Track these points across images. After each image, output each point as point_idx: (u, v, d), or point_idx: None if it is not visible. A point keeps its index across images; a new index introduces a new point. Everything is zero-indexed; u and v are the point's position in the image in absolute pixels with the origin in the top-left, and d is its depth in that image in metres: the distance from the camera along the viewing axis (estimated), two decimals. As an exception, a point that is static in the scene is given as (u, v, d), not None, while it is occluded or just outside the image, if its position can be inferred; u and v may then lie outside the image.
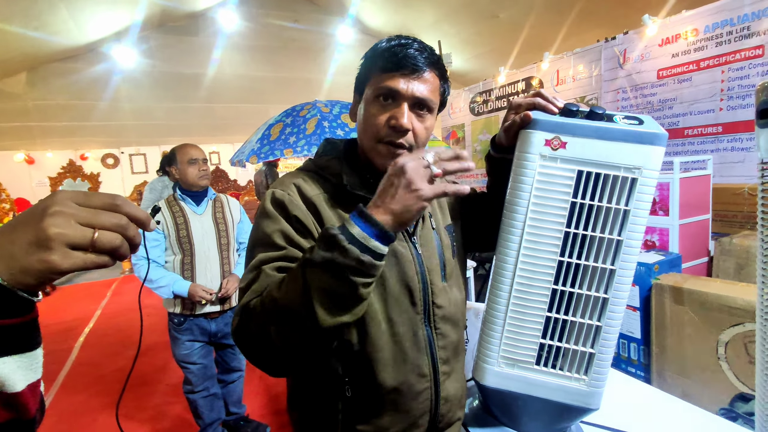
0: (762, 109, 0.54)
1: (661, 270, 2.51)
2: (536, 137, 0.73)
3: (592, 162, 0.72)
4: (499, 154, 0.84)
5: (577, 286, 0.75)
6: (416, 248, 0.80)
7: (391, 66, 0.72)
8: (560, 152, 0.73)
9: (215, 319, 2.11)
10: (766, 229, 0.57)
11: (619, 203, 0.72)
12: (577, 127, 0.72)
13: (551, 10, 6.28)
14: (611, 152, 0.71)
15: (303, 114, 3.18)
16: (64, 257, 0.36)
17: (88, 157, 7.79)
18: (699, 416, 1.02)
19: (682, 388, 2.25)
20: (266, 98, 8.44)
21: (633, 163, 0.71)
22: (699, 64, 3.36)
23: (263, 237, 0.73)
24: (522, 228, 0.74)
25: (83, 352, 3.81)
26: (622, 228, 0.72)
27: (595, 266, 0.74)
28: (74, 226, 0.37)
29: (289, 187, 0.77)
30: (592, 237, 0.74)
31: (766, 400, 0.59)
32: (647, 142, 0.70)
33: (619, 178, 0.72)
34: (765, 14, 2.95)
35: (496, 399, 0.83)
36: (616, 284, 0.74)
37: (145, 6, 6.54)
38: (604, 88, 4.14)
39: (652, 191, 0.71)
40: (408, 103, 0.73)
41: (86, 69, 7.41)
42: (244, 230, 2.25)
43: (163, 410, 2.74)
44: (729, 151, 3.23)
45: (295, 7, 8.56)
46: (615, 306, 0.75)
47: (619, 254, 0.73)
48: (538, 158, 0.73)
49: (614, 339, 0.77)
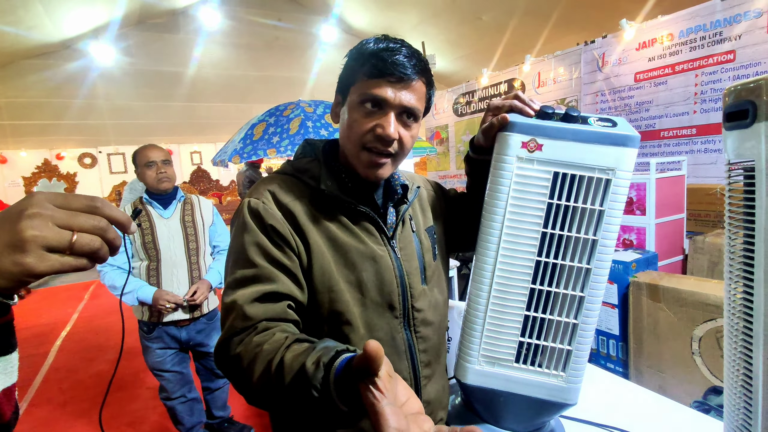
0: (729, 112, 0.57)
1: (639, 268, 2.58)
2: (513, 139, 0.74)
3: (568, 163, 0.74)
4: (478, 156, 0.84)
5: (555, 285, 0.77)
6: (395, 252, 0.80)
7: (379, 72, 0.70)
8: (537, 154, 0.74)
9: (186, 327, 2.02)
10: (732, 228, 0.60)
11: (594, 204, 0.74)
12: (553, 129, 0.73)
13: (533, 14, 6.38)
14: (586, 154, 0.73)
15: (286, 114, 3.17)
16: (41, 260, 0.35)
17: (65, 157, 7.59)
18: (672, 409, 1.06)
19: (659, 382, 2.31)
20: (249, 97, 8.36)
21: (607, 165, 0.73)
22: (674, 68, 3.46)
23: (240, 250, 0.72)
24: (500, 229, 0.75)
25: (60, 356, 3.71)
26: (597, 228, 0.74)
27: (572, 265, 0.76)
28: (52, 228, 0.36)
29: (263, 194, 0.75)
30: (568, 237, 0.75)
31: (733, 391, 0.61)
32: (620, 143, 0.72)
33: (594, 179, 0.73)
34: (736, 20, 3.05)
35: (478, 396, 0.85)
36: (591, 283, 0.76)
37: (125, 3, 6.40)
38: (583, 91, 4.23)
39: (626, 191, 0.73)
40: (395, 111, 0.72)
41: (62, 66, 7.22)
42: (217, 232, 2.14)
43: (143, 415, 2.69)
44: (702, 152, 3.33)
45: (279, 6, 8.50)
46: (591, 304, 0.77)
47: (595, 253, 0.75)
48: (515, 160, 0.74)
49: (591, 336, 0.79)
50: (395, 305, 0.78)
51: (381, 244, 0.78)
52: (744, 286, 0.58)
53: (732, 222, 0.60)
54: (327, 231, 0.74)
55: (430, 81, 0.77)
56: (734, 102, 0.55)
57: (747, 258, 0.57)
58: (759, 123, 0.51)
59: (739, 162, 0.57)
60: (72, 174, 7.67)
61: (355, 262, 0.75)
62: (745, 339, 0.58)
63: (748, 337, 0.57)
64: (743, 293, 0.58)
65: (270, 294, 0.69)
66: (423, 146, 5.49)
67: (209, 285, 2.02)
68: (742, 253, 0.58)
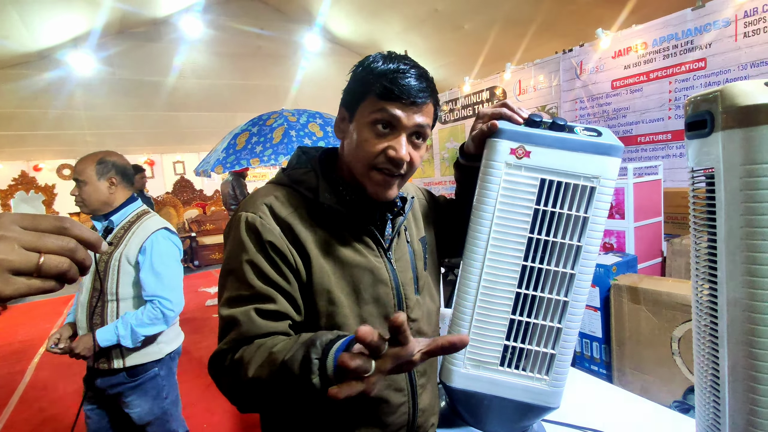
0: (689, 122, 0.59)
1: (619, 271, 2.63)
2: (502, 146, 0.76)
3: (555, 171, 0.76)
4: (467, 162, 0.86)
5: (540, 289, 0.79)
6: (391, 263, 0.80)
7: (392, 95, 0.69)
8: (524, 161, 0.76)
9: (103, 375, 1.66)
10: (697, 231, 0.62)
11: (579, 210, 0.76)
12: (541, 137, 0.76)
13: (513, 23, 6.51)
14: (572, 162, 0.76)
15: (270, 123, 3.16)
16: (6, 284, 0.35)
17: (42, 168, 7.42)
18: (651, 410, 1.08)
19: (641, 383, 2.35)
20: (232, 106, 8.31)
21: (592, 173, 0.75)
22: (649, 76, 3.56)
23: (235, 269, 0.71)
24: (488, 233, 0.77)
25: (37, 374, 3.61)
26: (581, 234, 0.76)
27: (557, 270, 0.78)
28: (18, 251, 0.35)
29: (260, 208, 0.73)
30: (553, 242, 0.77)
31: (702, 390, 0.63)
32: (605, 152, 0.75)
33: (579, 186, 0.76)
34: (706, 29, 3.17)
35: (463, 400, 0.85)
36: (575, 287, 0.78)
37: (105, 12, 6.33)
38: (563, 98, 4.32)
39: (610, 199, 0.76)
40: (406, 133, 0.72)
41: (39, 75, 7.09)
42: (144, 278, 1.59)
43: (126, 431, 2.63)
44: (678, 157, 3.43)
45: (262, 15, 8.50)
46: (574, 309, 0.79)
47: (579, 259, 0.77)
48: (504, 166, 0.76)
49: (574, 340, 0.81)
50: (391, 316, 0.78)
51: (378, 256, 0.78)
52: (709, 287, 0.60)
53: (696, 226, 0.63)
54: (325, 244, 0.74)
55: (437, 100, 0.78)
56: (694, 113, 0.57)
57: (711, 259, 0.59)
58: (716, 132, 0.54)
59: (701, 169, 0.60)
60: (50, 186, 7.50)
61: (354, 274, 0.75)
62: (712, 338, 0.60)
63: (714, 337, 0.60)
64: (709, 293, 0.61)
65: (270, 312, 0.69)
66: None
67: (90, 344, 1.56)
68: (707, 254, 0.60)
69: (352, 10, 7.71)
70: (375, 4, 7.24)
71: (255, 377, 0.61)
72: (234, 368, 0.65)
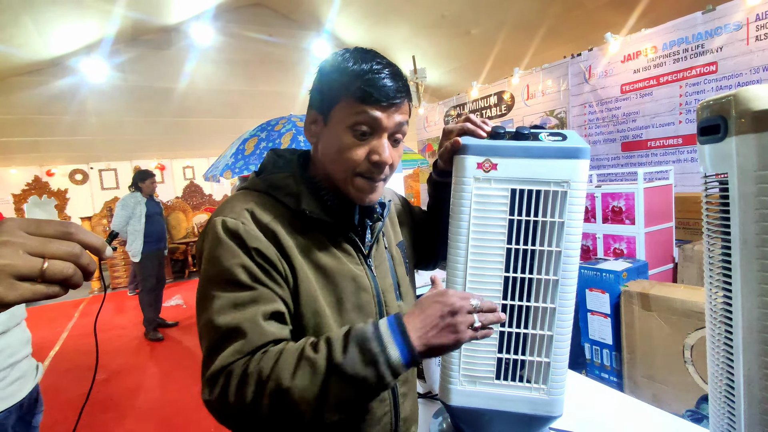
0: (702, 127, 0.58)
1: (629, 277, 2.60)
2: (468, 161, 0.77)
3: (523, 180, 0.76)
4: (440, 178, 0.87)
5: (525, 298, 0.79)
6: (371, 270, 0.79)
7: (371, 98, 0.67)
8: (492, 173, 0.77)
9: None
10: (710, 238, 0.61)
11: (553, 216, 0.76)
12: (506, 148, 0.76)
13: (521, 28, 6.50)
14: (539, 169, 0.76)
15: (278, 128, 3.18)
16: (10, 289, 0.35)
17: (55, 173, 7.54)
18: (664, 419, 1.06)
19: (653, 391, 2.31)
20: (241, 112, 8.39)
21: (560, 177, 0.76)
22: (659, 80, 3.53)
23: (222, 272, 0.64)
24: (466, 248, 0.78)
25: (48, 376, 3.64)
26: (559, 239, 0.76)
27: (539, 278, 0.78)
28: (22, 256, 0.36)
29: (241, 214, 0.68)
30: (533, 250, 0.78)
31: (717, 399, 0.62)
32: (571, 156, 0.75)
33: (550, 192, 0.76)
34: (717, 33, 3.14)
35: (464, 417, 0.84)
36: (560, 293, 0.78)
37: (117, 20, 6.44)
38: (571, 102, 4.30)
39: (583, 201, 0.76)
40: (387, 134, 0.71)
41: (52, 82, 7.22)
42: None
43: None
44: (689, 161, 3.39)
45: (271, 22, 8.59)
46: (563, 315, 0.79)
47: (560, 264, 0.77)
48: (473, 181, 0.77)
49: (567, 346, 0.80)
50: None
51: (359, 264, 0.77)
52: (724, 295, 0.59)
53: (710, 232, 0.62)
54: (309, 253, 0.72)
55: (411, 96, 0.77)
56: (707, 117, 0.56)
57: (725, 266, 0.58)
58: (730, 137, 0.53)
59: (715, 174, 0.59)
60: (63, 190, 7.61)
61: (337, 283, 0.73)
62: (727, 346, 0.59)
63: (729, 346, 0.58)
64: (723, 301, 0.59)
65: (277, 314, 0.66)
66: (415, 158, 5.53)
67: None
68: (721, 261, 0.59)
69: (360, 16, 7.76)
70: (382, 10, 7.28)
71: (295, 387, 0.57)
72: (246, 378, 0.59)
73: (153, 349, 4.14)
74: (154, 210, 4.31)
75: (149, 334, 4.36)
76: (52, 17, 5.74)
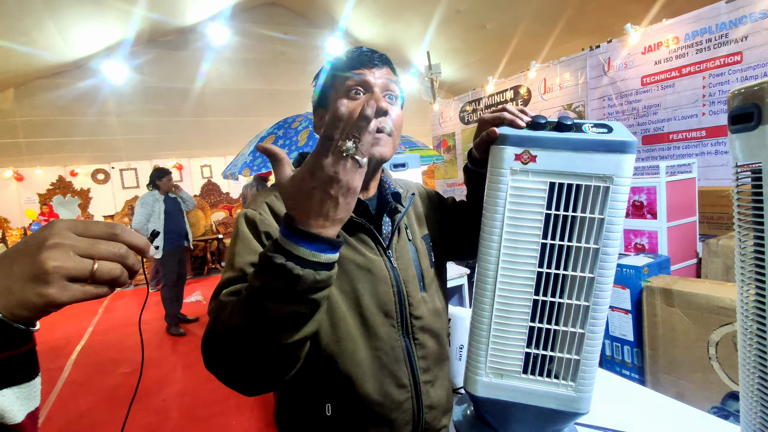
0: (734, 115, 0.57)
1: (651, 272, 2.55)
2: (506, 152, 0.73)
3: (564, 173, 0.72)
4: (475, 168, 0.86)
5: (558, 295, 0.76)
6: (391, 261, 0.81)
7: (354, 64, 0.77)
8: (531, 165, 0.73)
9: None
10: (742, 230, 0.60)
11: (593, 212, 0.73)
12: (546, 139, 0.73)
13: (537, 21, 6.41)
14: (581, 162, 0.72)
15: (295, 126, 3.21)
16: (63, 290, 0.36)
17: (78, 173, 7.73)
18: (690, 415, 1.04)
19: (676, 388, 2.27)
20: (257, 111, 8.47)
21: (604, 172, 0.71)
22: (681, 71, 3.44)
23: (230, 257, 0.73)
24: (499, 241, 0.75)
25: (74, 371, 3.76)
26: (598, 236, 0.73)
27: (575, 275, 0.74)
28: (73, 258, 0.36)
29: (261, 206, 0.76)
30: (569, 246, 0.74)
31: (748, 396, 0.61)
32: (617, 150, 0.71)
33: (591, 187, 0.72)
34: (741, 22, 3.04)
35: (488, 408, 0.84)
36: (596, 291, 0.74)
37: (136, 22, 6.57)
38: (590, 96, 4.23)
39: (626, 198, 0.72)
40: (379, 89, 0.77)
41: (75, 84, 7.40)
42: None
43: (159, 427, 2.71)
44: (713, 154, 3.30)
45: (285, 21, 8.64)
46: (596, 313, 0.75)
47: (597, 262, 0.73)
48: (510, 173, 0.73)
49: (598, 345, 0.78)
50: (392, 314, 0.79)
51: (378, 255, 0.79)
52: (756, 289, 0.58)
53: (741, 224, 0.60)
54: None
55: (395, 70, 0.83)
56: (739, 105, 0.55)
57: (758, 260, 0.57)
58: (764, 125, 0.51)
59: (747, 164, 0.57)
60: (86, 190, 7.80)
61: (351, 272, 0.76)
62: (760, 342, 0.58)
63: (762, 340, 0.57)
64: (756, 295, 0.58)
65: None
66: (430, 154, 5.51)
67: None
68: (753, 255, 0.58)
69: (374, 13, 7.75)
70: (397, 6, 7.26)
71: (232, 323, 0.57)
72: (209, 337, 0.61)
73: (175, 343, 4.23)
74: (173, 207, 4.39)
75: (171, 329, 4.45)
76: (74, 20, 5.89)
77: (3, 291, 0.35)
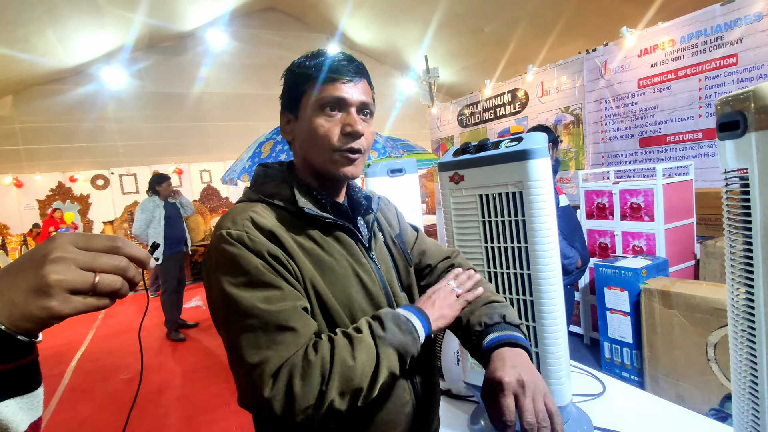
0: (721, 123, 0.58)
1: (649, 274, 2.56)
2: (442, 177, 0.97)
3: (486, 185, 0.88)
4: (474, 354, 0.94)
5: (508, 293, 0.91)
6: (376, 264, 0.81)
7: (331, 78, 0.73)
8: (462, 184, 0.93)
9: None
10: (732, 233, 0.61)
11: (517, 215, 0.87)
12: (467, 160, 0.91)
13: (534, 24, 6.45)
14: (497, 174, 0.87)
15: (293, 131, 3.22)
16: (65, 303, 0.37)
17: (78, 179, 7.74)
18: (687, 418, 1.05)
19: (676, 390, 2.28)
20: (256, 115, 8.48)
21: (516, 179, 0.86)
22: (677, 73, 3.46)
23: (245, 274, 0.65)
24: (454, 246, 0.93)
25: (75, 377, 3.75)
26: (525, 236, 0.86)
27: (516, 273, 0.89)
28: (75, 271, 0.37)
29: (242, 224, 0.69)
30: (504, 248, 0.90)
31: (741, 397, 0.62)
32: (525, 157, 0.84)
33: (509, 193, 0.87)
34: (736, 24, 3.06)
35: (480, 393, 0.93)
36: (537, 287, 0.87)
37: (135, 28, 6.59)
38: (587, 98, 4.25)
39: (544, 199, 0.85)
40: (355, 108, 0.75)
41: (74, 90, 7.42)
42: None
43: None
44: (710, 156, 3.32)
45: (284, 26, 8.67)
46: (544, 307, 0.86)
47: (531, 260, 0.86)
48: (450, 192, 0.95)
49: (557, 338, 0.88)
50: None
51: (362, 258, 0.78)
52: (746, 290, 0.59)
53: (731, 227, 0.61)
54: (312, 253, 0.73)
55: (371, 81, 0.81)
56: (726, 113, 0.56)
57: (747, 262, 0.58)
58: (750, 133, 0.53)
59: (734, 169, 0.59)
60: (85, 196, 7.81)
61: (343, 280, 0.74)
62: (750, 343, 0.59)
63: (752, 342, 0.58)
64: (745, 297, 0.59)
65: (305, 308, 0.68)
66: (429, 158, 5.53)
67: None
68: (742, 257, 0.59)
69: (372, 18, 7.78)
70: (394, 10, 7.29)
71: (359, 362, 0.64)
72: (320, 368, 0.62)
73: (175, 349, 4.23)
74: (173, 212, 4.39)
75: (171, 335, 4.45)
76: (73, 27, 5.91)
77: (6, 303, 0.36)
